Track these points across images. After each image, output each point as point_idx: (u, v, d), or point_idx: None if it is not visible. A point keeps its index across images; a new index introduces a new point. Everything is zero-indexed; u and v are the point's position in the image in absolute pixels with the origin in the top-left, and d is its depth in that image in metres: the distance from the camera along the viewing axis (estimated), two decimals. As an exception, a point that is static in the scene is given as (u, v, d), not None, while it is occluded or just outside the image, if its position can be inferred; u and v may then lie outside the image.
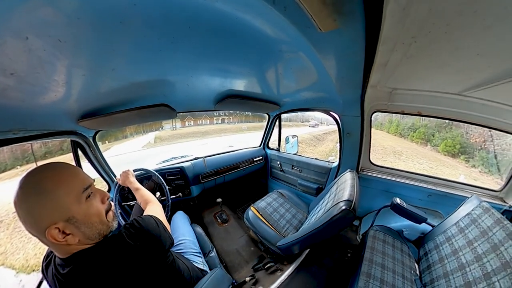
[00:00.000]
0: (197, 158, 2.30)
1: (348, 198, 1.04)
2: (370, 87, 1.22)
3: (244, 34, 0.78)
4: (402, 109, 1.38)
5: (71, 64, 0.71)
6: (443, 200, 1.44)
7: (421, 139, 9.88)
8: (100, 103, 1.12)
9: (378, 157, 7.91)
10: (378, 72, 1.05)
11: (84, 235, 0.56)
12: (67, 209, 0.52)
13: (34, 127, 0.95)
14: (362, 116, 1.50)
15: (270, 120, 2.47)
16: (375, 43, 0.76)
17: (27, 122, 0.89)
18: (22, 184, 0.50)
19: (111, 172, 1.72)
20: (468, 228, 1.04)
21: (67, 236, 0.52)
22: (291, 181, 2.37)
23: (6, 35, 0.48)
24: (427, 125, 10.03)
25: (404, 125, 11.29)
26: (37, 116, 0.92)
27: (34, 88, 0.73)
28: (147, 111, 1.30)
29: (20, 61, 0.58)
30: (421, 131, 10.15)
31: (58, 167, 0.56)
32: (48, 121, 1.02)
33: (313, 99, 1.69)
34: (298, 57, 1.00)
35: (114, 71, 0.85)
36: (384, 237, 1.29)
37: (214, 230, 2.10)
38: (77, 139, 1.36)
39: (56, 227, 0.50)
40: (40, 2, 0.44)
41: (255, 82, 1.45)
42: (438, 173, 5.90)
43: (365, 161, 1.76)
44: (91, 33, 0.59)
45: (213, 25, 0.70)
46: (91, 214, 0.57)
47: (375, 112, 1.54)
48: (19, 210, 0.49)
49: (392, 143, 10.05)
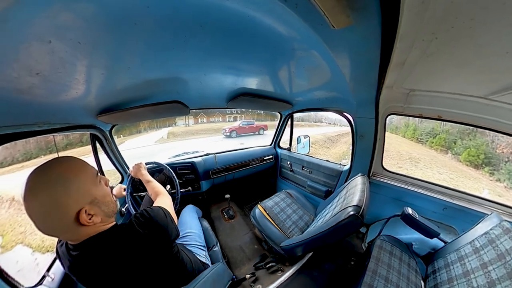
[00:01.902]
0: (208, 154, 2.35)
1: (357, 204, 0.99)
2: (386, 87, 1.15)
3: (256, 32, 0.78)
4: (419, 112, 1.28)
5: (90, 64, 0.77)
6: (459, 214, 1.32)
7: (441, 146, 8.95)
8: (117, 99, 1.18)
9: (393, 163, 7.40)
10: (395, 71, 0.99)
11: (105, 214, 0.62)
12: (89, 193, 0.58)
13: (57, 121, 1.03)
14: (376, 118, 1.42)
15: (282, 119, 2.44)
16: (391, 40, 0.72)
17: (51, 117, 0.97)
18: (41, 182, 0.51)
19: (124, 164, 1.81)
20: (484, 249, 0.94)
21: (93, 217, 0.57)
22: (300, 182, 2.33)
23: (32, 39, 0.53)
24: (448, 130, 9.07)
25: (422, 130, 10.24)
26: (60, 111, 0.99)
27: (57, 86, 0.80)
28: (160, 107, 1.36)
29: (44, 62, 0.64)
30: (442, 137, 9.18)
31: (70, 159, 0.60)
32: (70, 116, 1.10)
33: (326, 98, 1.64)
34: (310, 55, 0.98)
35: (130, 70, 0.90)
36: (392, 248, 1.22)
37: (220, 225, 2.13)
38: (95, 132, 1.44)
39: (84, 209, 0.55)
40: (59, 9, 0.48)
41: (268, 81, 1.44)
42: (458, 185, 5.37)
43: (377, 166, 1.68)
44: (107, 35, 0.63)
45: (225, 23, 0.71)
46: (106, 195, 0.64)
47: (390, 115, 1.45)
48: (40, 209, 0.50)
49: (408, 149, 9.28)
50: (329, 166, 1.97)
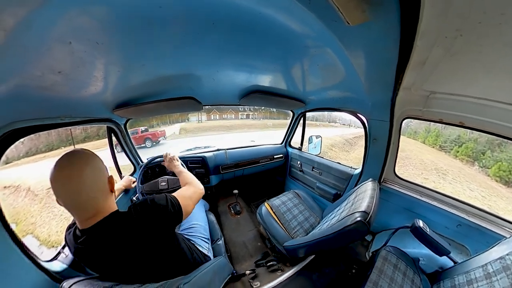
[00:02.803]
0: (219, 150, 2.39)
1: (365, 210, 0.95)
2: (403, 89, 1.07)
3: (268, 30, 0.77)
4: (440, 117, 1.16)
5: (107, 62, 0.82)
6: (473, 234, 1.21)
7: (468, 157, 7.98)
8: (132, 95, 1.24)
9: (416, 173, 6.76)
10: (414, 71, 0.92)
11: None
12: (107, 171, 0.72)
13: (77, 115, 1.10)
14: (391, 121, 1.34)
15: (295, 118, 2.41)
16: (411, 37, 0.67)
17: (72, 111, 1.04)
18: (73, 166, 0.63)
19: (137, 155, 1.91)
20: (497, 276, 0.83)
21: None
22: (309, 183, 2.29)
23: (53, 41, 0.58)
24: (477, 139, 8.00)
25: (446, 137, 9.14)
26: (80, 105, 1.06)
27: (77, 83, 0.86)
28: (174, 103, 1.40)
29: (65, 61, 0.69)
30: (469, 147, 8.14)
31: (89, 151, 0.72)
32: (89, 110, 1.18)
33: (340, 98, 1.59)
34: (324, 53, 0.96)
35: (144, 67, 0.94)
36: (397, 261, 1.15)
37: (226, 220, 2.16)
38: (111, 125, 1.53)
39: (110, 175, 0.72)
40: (77, 12, 0.52)
41: (280, 78, 1.43)
42: (491, 206, 4.78)
43: (389, 172, 1.58)
44: (122, 34, 0.67)
45: (236, 21, 0.71)
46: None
47: (407, 119, 1.35)
48: (86, 182, 0.63)
49: (431, 157, 8.44)
50: (340, 168, 1.91)
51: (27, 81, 0.67)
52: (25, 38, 0.51)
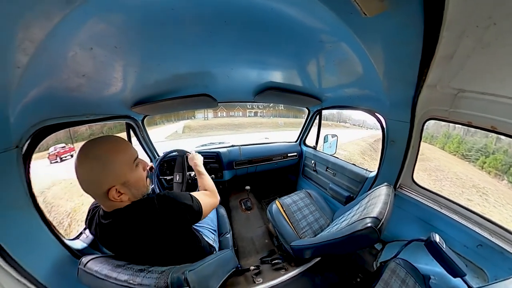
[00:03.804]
0: (234, 146, 2.43)
1: (377, 216, 0.90)
2: (427, 86, 0.97)
3: (280, 25, 0.75)
4: (469, 119, 1.00)
5: (125, 64, 0.88)
6: (495, 257, 1.05)
7: (496, 169, 7.03)
8: (149, 93, 1.31)
9: (457, 192, 5.80)
10: (440, 67, 0.81)
11: (133, 195, 0.69)
12: (124, 175, 0.65)
13: (100, 112, 1.20)
14: (412, 122, 1.22)
15: (310, 116, 2.35)
16: (437, 27, 0.61)
17: (95, 109, 1.13)
18: (87, 155, 0.60)
19: (154, 150, 2.02)
20: None
21: (121, 195, 0.65)
22: (322, 184, 2.23)
23: (76, 48, 0.64)
24: (507, 151, 7.03)
25: (471, 145, 8.16)
26: (102, 104, 1.15)
27: (100, 84, 0.94)
28: (190, 100, 1.45)
29: (88, 65, 0.75)
30: (498, 159, 7.22)
31: (115, 140, 0.67)
32: (110, 108, 1.28)
33: (357, 96, 1.50)
34: (339, 49, 0.91)
35: (160, 66, 0.99)
36: (405, 276, 1.07)
37: (236, 215, 2.21)
38: (129, 121, 1.64)
39: (115, 188, 0.63)
40: (95, 21, 0.57)
41: (295, 74, 1.40)
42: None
43: (406, 178, 1.44)
44: (138, 37, 0.71)
45: (248, 17, 0.71)
46: (139, 179, 0.70)
47: (429, 120, 1.20)
48: (83, 176, 0.60)
49: (461, 169, 7.41)
50: (354, 170, 1.83)
51: (55, 84, 0.75)
52: (52, 47, 0.57)
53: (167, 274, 0.60)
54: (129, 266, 0.69)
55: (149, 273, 0.63)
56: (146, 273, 0.63)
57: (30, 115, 0.74)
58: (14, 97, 0.61)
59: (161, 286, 0.57)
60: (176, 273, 0.60)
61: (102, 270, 0.67)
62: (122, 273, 0.64)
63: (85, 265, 0.71)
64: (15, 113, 0.65)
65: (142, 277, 0.61)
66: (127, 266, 0.69)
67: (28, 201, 0.76)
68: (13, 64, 0.53)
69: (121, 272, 0.65)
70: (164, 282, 0.58)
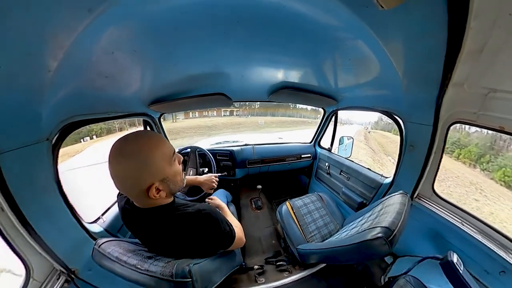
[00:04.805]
0: (247, 145, 2.45)
1: (389, 226, 0.83)
2: (454, 85, 0.87)
3: (292, 23, 0.75)
4: (501, 124, 0.86)
5: (144, 66, 0.95)
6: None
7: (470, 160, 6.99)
8: (166, 92, 1.38)
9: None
10: (468, 62, 0.73)
11: (170, 191, 0.67)
12: (162, 171, 0.61)
13: (120, 110, 1.28)
14: (436, 125, 1.10)
15: (325, 116, 2.29)
16: (463, 17, 0.56)
17: (116, 107, 1.22)
18: (123, 153, 0.57)
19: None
20: None
21: (160, 192, 0.62)
22: (335, 188, 2.16)
23: (100, 53, 0.72)
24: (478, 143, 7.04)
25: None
26: (122, 102, 1.24)
27: (121, 84, 1.02)
28: (205, 99, 1.51)
29: (110, 68, 0.83)
30: (472, 150, 7.29)
31: (151, 135, 0.66)
32: (129, 106, 1.36)
33: (373, 96, 1.42)
34: (355, 45, 0.88)
35: (176, 67, 1.05)
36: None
37: (246, 213, 2.23)
38: (147, 119, 1.73)
39: (155, 186, 0.60)
40: (114, 28, 0.63)
41: (310, 73, 1.38)
42: None
43: (426, 187, 1.31)
44: (154, 41, 0.77)
45: (260, 16, 0.71)
46: (177, 173, 0.68)
47: (455, 124, 1.07)
48: (119, 175, 0.58)
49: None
50: (369, 175, 1.73)
51: (81, 85, 0.83)
52: (77, 53, 0.64)
53: (172, 264, 0.63)
54: (139, 252, 0.74)
55: (156, 261, 0.66)
56: (153, 261, 0.67)
57: (59, 112, 0.82)
58: (46, 97, 0.69)
59: (166, 274, 0.60)
60: (181, 264, 0.62)
61: (114, 252, 0.72)
62: (132, 258, 0.69)
63: (99, 246, 0.76)
64: (47, 111, 0.73)
65: (150, 264, 0.65)
66: (137, 251, 0.74)
67: (55, 186, 0.85)
68: (46, 68, 0.60)
69: (131, 257, 0.69)
70: (169, 271, 0.60)
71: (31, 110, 0.68)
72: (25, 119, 0.68)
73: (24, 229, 0.72)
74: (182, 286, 0.60)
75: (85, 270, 0.94)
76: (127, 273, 0.66)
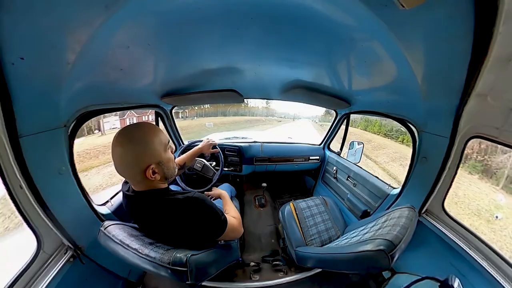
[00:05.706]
0: (256, 142, 2.45)
1: (392, 240, 0.80)
2: (476, 95, 0.80)
3: (307, 21, 0.74)
4: None
5: (157, 59, 0.98)
6: None
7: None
8: (178, 85, 1.41)
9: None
10: (494, 71, 0.66)
11: (164, 175, 0.75)
12: (159, 155, 0.71)
13: (133, 101, 1.34)
14: (453, 138, 1.00)
15: (337, 119, 2.23)
16: (491, 21, 0.52)
17: (129, 98, 1.27)
18: (130, 139, 0.67)
19: (179, 137, 2.19)
20: None
21: (155, 175, 0.70)
22: (341, 193, 2.12)
23: (115, 47, 0.75)
24: None
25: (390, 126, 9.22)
26: (135, 94, 1.28)
27: (135, 77, 1.06)
28: (217, 94, 1.52)
29: (125, 61, 0.87)
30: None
31: (151, 125, 0.75)
32: (142, 97, 1.42)
33: (388, 102, 1.35)
34: (372, 47, 0.84)
35: (188, 61, 1.07)
36: None
37: (248, 210, 2.25)
38: (159, 110, 1.78)
39: (151, 167, 0.68)
40: (131, 23, 0.66)
41: (324, 74, 1.34)
42: None
43: (435, 204, 1.21)
44: (168, 35, 0.79)
45: (274, 14, 0.71)
46: (170, 160, 0.76)
47: (474, 138, 0.97)
48: (123, 158, 0.66)
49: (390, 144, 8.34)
50: (376, 184, 1.68)
51: (97, 77, 0.88)
52: (94, 47, 0.67)
53: (171, 253, 0.66)
54: (141, 237, 0.78)
55: (156, 248, 0.70)
56: (154, 247, 0.70)
57: (76, 101, 0.88)
58: (64, 87, 0.74)
59: (164, 261, 0.64)
60: (179, 253, 0.66)
61: (119, 235, 0.77)
62: (134, 242, 0.73)
63: (105, 228, 0.81)
64: (64, 100, 0.78)
65: (150, 250, 0.69)
66: (140, 237, 0.78)
67: (70, 169, 0.91)
68: (65, 61, 0.64)
69: (133, 241, 0.73)
70: (168, 258, 0.64)
71: (50, 99, 0.73)
72: (44, 107, 0.73)
73: (39, 206, 0.78)
74: (178, 273, 0.63)
75: (91, 249, 1.01)
76: (128, 256, 0.70)
